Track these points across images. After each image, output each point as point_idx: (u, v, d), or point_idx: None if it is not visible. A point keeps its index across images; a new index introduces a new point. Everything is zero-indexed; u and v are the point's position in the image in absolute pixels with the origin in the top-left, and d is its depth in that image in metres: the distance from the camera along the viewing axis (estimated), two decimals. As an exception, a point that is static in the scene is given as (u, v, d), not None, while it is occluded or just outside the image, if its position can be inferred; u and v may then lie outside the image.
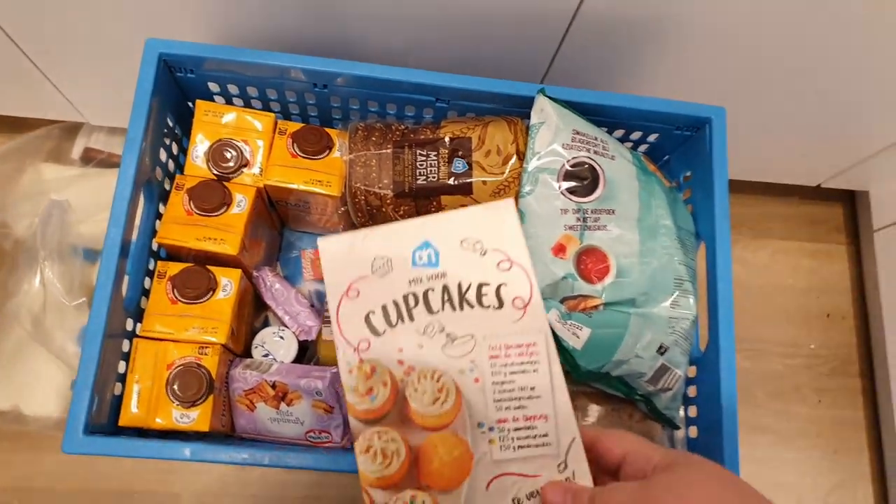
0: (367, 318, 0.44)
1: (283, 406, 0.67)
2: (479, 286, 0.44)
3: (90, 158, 1.07)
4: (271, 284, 0.73)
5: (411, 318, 0.44)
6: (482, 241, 0.45)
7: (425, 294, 0.44)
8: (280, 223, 0.82)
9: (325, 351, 0.72)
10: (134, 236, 0.62)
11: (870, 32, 0.72)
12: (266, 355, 0.71)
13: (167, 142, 0.68)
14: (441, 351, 0.43)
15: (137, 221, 0.63)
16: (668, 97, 0.69)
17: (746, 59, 0.77)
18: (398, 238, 0.45)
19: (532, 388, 0.43)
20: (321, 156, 0.68)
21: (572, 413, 0.43)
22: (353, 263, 0.45)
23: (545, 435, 0.42)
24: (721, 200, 0.66)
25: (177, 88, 0.68)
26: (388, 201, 0.65)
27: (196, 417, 0.61)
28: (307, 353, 0.75)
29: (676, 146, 0.74)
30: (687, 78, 0.80)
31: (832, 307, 1.29)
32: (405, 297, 0.44)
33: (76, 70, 0.85)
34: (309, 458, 0.56)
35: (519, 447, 0.42)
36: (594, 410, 0.66)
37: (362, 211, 0.66)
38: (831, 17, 0.69)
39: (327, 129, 0.69)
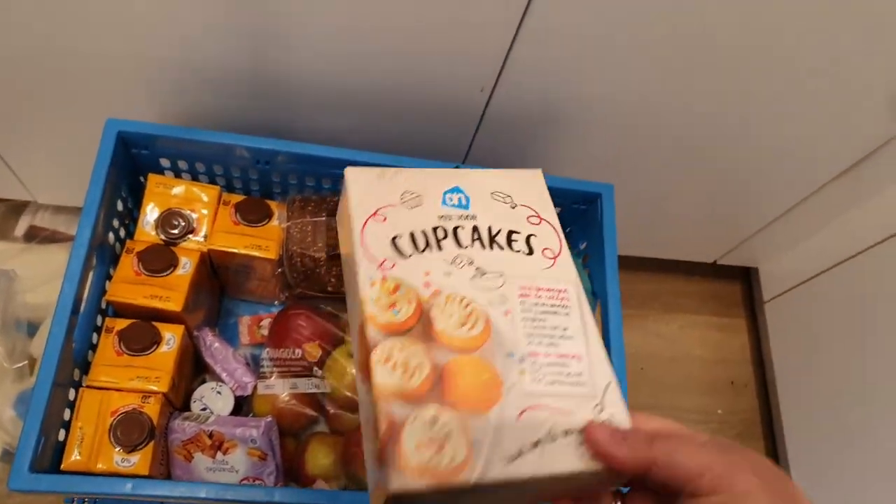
0: (393, 241, 0.41)
1: (219, 455, 0.71)
2: (510, 232, 0.43)
3: (34, 235, 1.11)
4: (210, 343, 0.79)
5: (440, 247, 0.41)
6: (512, 197, 0.45)
7: (455, 229, 0.42)
8: (220, 291, 0.89)
9: (260, 406, 0.77)
10: (85, 294, 0.68)
11: (747, 117, 0.84)
12: (204, 409, 0.76)
13: (120, 210, 0.75)
14: (469, 282, 0.40)
15: (89, 281, 0.69)
16: (572, 176, 0.80)
17: (635, 142, 0.89)
18: (429, 179, 0.44)
19: (565, 329, 0.40)
20: (261, 223, 0.76)
21: (607, 359, 0.40)
22: (382, 193, 0.43)
23: (579, 374, 0.39)
24: (611, 263, 0.76)
25: (131, 162, 0.75)
26: (322, 263, 0.73)
27: (136, 462, 0.64)
28: (243, 409, 0.79)
29: (576, 219, 0.85)
30: (588, 158, 0.92)
31: (736, 376, 1.41)
32: (434, 229, 0.42)
33: (30, 149, 0.91)
34: (245, 491, 0.60)
35: (551, 382, 0.38)
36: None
37: (298, 272, 0.74)
38: (711, 110, 0.82)
39: (268, 201, 0.78)
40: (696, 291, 1.46)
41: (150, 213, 0.74)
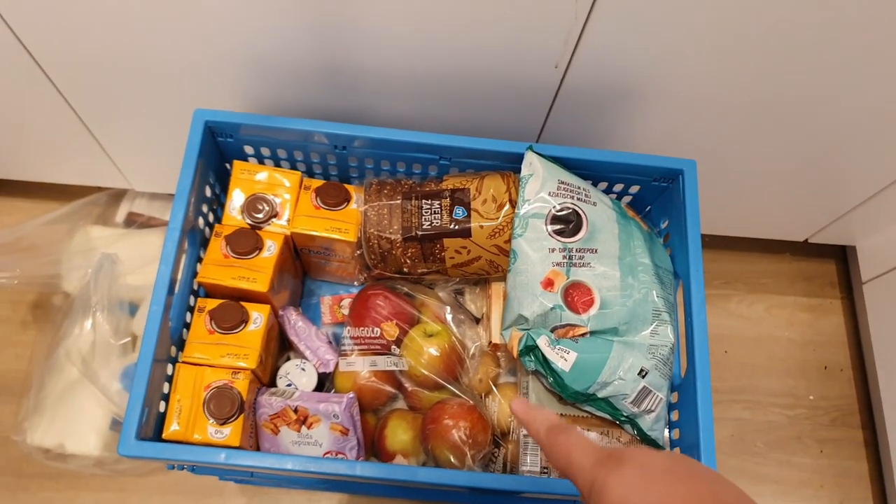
0: None
1: (303, 429, 0.74)
2: None
3: (132, 221, 1.18)
4: (294, 322, 0.82)
5: None
6: None
7: None
8: (302, 273, 0.92)
9: (341, 382, 0.80)
10: (179, 276, 0.72)
11: (839, 88, 0.79)
12: (289, 385, 0.79)
13: (208, 196, 0.78)
14: None
15: (182, 263, 0.73)
16: (651, 152, 0.77)
17: (719, 115, 0.85)
18: None
19: None
20: (340, 207, 0.78)
21: None
22: None
23: None
24: (694, 241, 0.74)
25: (217, 150, 0.79)
26: (398, 245, 0.74)
27: (229, 433, 0.68)
28: (325, 385, 0.82)
29: (656, 197, 0.83)
30: (668, 134, 0.89)
31: (829, 360, 1.34)
32: None
33: (128, 140, 0.97)
34: (329, 464, 0.63)
35: None
36: (584, 434, 0.73)
37: (375, 253, 0.75)
38: (798, 74, 0.77)
39: (346, 185, 0.80)
40: (782, 271, 1.40)
41: (236, 198, 0.78)
